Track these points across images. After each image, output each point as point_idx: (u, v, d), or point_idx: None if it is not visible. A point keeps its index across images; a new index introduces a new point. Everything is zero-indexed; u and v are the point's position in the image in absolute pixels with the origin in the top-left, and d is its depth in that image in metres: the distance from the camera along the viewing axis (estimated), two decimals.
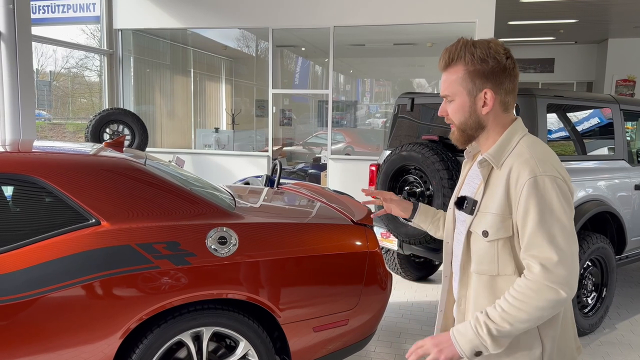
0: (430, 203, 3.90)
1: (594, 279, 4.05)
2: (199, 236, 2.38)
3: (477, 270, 1.43)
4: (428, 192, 3.96)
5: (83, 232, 2.23)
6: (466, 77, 1.40)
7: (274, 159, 7.86)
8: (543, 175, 1.31)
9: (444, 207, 3.80)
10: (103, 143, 3.04)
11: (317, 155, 8.92)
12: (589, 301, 4.05)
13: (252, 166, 8.08)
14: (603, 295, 4.09)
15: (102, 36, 8.34)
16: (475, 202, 1.44)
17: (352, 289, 2.69)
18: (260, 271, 2.45)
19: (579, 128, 4.20)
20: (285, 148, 9.40)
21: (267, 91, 8.00)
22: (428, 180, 3.95)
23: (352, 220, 2.85)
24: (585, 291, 4.00)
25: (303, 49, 10.56)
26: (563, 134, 4.11)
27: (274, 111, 8.14)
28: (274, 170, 5.70)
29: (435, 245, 4.12)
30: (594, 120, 4.32)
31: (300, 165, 8.98)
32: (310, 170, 8.64)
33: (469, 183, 1.54)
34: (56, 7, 8.17)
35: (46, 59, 8.47)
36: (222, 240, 2.41)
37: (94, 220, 2.27)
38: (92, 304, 2.17)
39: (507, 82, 1.41)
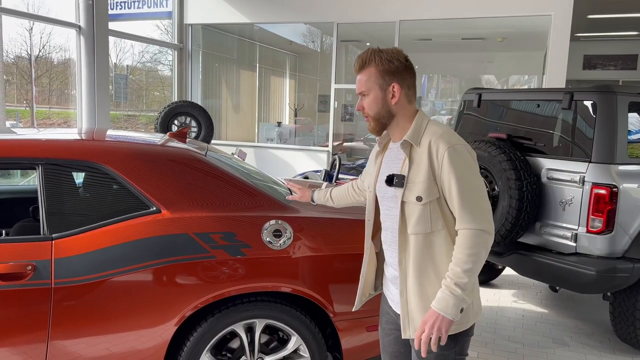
0: (495, 205, 3.73)
1: None
2: (254, 228, 2.38)
3: (414, 231, 1.71)
4: (494, 193, 3.78)
5: (144, 219, 2.29)
6: (377, 75, 1.73)
7: (333, 154, 7.84)
8: (458, 144, 1.66)
9: (510, 210, 3.62)
10: (167, 134, 3.12)
11: None
12: None
13: (312, 161, 8.10)
14: None
15: (173, 31, 8.63)
16: (403, 176, 1.72)
17: None
18: (313, 266, 2.43)
19: None
20: (345, 143, 9.35)
21: (330, 86, 7.97)
22: (494, 180, 3.78)
23: None
24: None
25: (368, 44, 10.46)
26: None
27: (336, 106, 8.11)
28: (332, 165, 5.68)
29: (499, 249, 3.93)
30: None
31: (360, 161, 8.90)
32: None
33: (388, 166, 1.83)
34: (132, 3, 8.53)
35: (124, 54, 8.86)
36: (277, 233, 2.40)
37: (154, 208, 2.32)
38: (149, 290, 2.23)
39: (408, 78, 1.76)
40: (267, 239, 2.38)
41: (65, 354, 2.19)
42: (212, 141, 7.98)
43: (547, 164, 3.74)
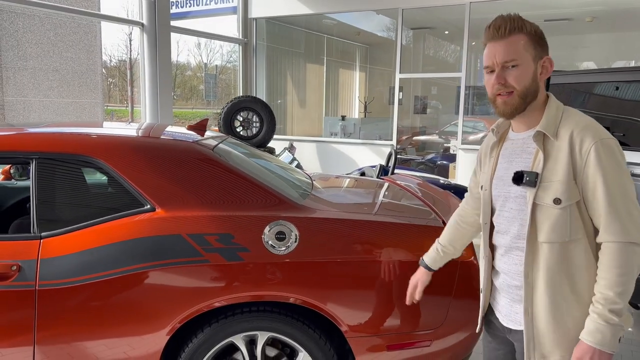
0: None
1: None
2: (255, 229, 2.12)
3: (549, 239, 1.47)
4: None
5: (137, 217, 2.12)
6: (530, 43, 1.47)
7: (400, 148, 7.42)
8: (607, 138, 1.41)
9: None
10: (186, 125, 2.95)
11: (447, 145, 8.24)
12: None
13: (376, 155, 7.73)
14: None
15: (238, 25, 8.62)
16: (536, 174, 1.47)
17: (438, 304, 2.23)
18: (322, 274, 2.12)
19: None
20: (415, 137, 8.85)
21: (402, 78, 7.56)
22: None
23: (444, 222, 2.37)
24: None
25: (447, 32, 9.82)
26: None
27: (401, 97, 7.67)
28: (388, 159, 5.29)
29: None
30: None
31: (430, 156, 8.38)
32: (439, 162, 8.01)
33: (510, 160, 1.57)
34: (199, 0, 8.63)
35: (214, 54, 9.03)
36: (281, 236, 2.13)
37: (149, 206, 2.14)
38: (138, 296, 2.05)
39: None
40: (269, 242, 2.12)
41: (53, 359, 2.07)
42: (275, 136, 7.85)
43: (630, 157, 3.15)
